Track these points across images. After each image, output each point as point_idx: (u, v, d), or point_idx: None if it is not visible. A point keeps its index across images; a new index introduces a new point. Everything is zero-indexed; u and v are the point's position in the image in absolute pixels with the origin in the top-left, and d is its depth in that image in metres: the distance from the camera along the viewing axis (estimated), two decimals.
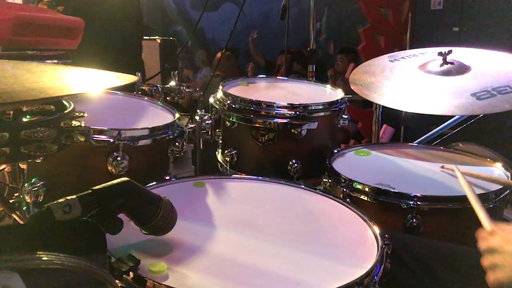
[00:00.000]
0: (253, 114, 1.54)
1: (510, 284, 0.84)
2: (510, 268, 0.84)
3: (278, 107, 1.52)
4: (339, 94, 1.75)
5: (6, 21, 1.61)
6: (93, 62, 1.09)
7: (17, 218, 1.54)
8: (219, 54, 5.15)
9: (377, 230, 1.02)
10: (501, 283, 0.85)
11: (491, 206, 1.24)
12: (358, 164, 1.54)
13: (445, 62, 1.53)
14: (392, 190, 1.27)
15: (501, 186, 1.29)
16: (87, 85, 0.79)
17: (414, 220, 1.22)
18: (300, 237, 1.03)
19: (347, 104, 1.68)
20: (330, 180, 1.44)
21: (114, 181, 0.82)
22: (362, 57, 4.32)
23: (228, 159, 1.59)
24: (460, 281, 1.06)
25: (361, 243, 1.01)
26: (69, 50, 2.01)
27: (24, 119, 0.77)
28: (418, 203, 1.22)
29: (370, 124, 2.75)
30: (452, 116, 2.20)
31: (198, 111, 1.73)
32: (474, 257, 1.12)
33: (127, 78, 0.81)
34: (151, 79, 3.01)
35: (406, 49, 2.93)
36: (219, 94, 1.67)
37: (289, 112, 1.51)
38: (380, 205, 1.27)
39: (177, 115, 1.51)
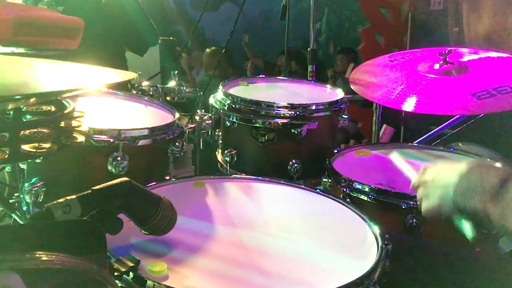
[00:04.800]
0: (253, 114, 1.54)
1: (435, 210, 0.92)
2: (434, 197, 0.92)
3: (278, 107, 1.52)
4: (339, 94, 1.75)
5: (6, 21, 1.60)
6: (93, 62, 1.09)
7: (17, 218, 1.54)
8: (207, 51, 5.17)
9: (377, 230, 1.02)
10: (428, 210, 0.94)
11: None
12: (358, 164, 1.53)
13: (445, 62, 1.53)
14: (392, 190, 1.27)
15: None
16: (87, 81, 0.79)
17: (414, 220, 1.22)
18: (300, 237, 1.03)
19: (347, 104, 1.68)
20: (330, 180, 1.44)
21: (114, 181, 0.82)
22: (362, 57, 4.32)
23: (228, 159, 1.59)
24: (460, 281, 1.06)
25: (361, 243, 1.01)
26: (69, 50, 2.01)
27: (24, 119, 0.77)
28: (418, 203, 1.22)
29: (370, 124, 2.75)
30: (452, 116, 2.20)
31: (198, 111, 1.73)
32: (474, 257, 1.13)
33: (127, 75, 0.81)
34: (151, 79, 3.00)
35: (406, 49, 2.93)
36: (219, 94, 1.67)
37: (289, 112, 1.51)
38: (380, 205, 1.27)
39: (177, 115, 1.51)
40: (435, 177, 0.94)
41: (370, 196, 1.28)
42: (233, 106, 1.58)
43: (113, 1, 2.85)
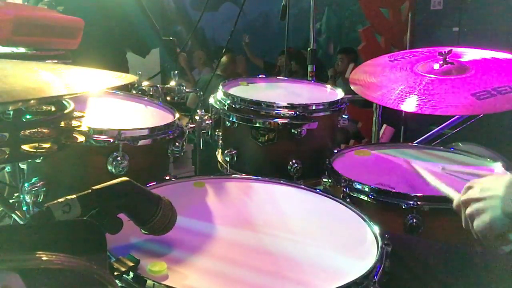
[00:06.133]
0: (253, 114, 1.54)
1: (493, 224, 0.87)
2: (491, 210, 0.87)
3: (278, 107, 1.52)
4: (339, 94, 1.75)
5: (6, 21, 1.60)
6: (93, 62, 1.09)
7: (17, 218, 1.54)
8: (225, 58, 5.01)
9: (377, 230, 1.02)
10: (486, 226, 0.89)
11: None
12: (358, 164, 1.53)
13: (445, 62, 1.53)
14: (392, 190, 1.27)
15: None
16: (87, 84, 0.79)
17: (414, 220, 1.22)
18: (300, 237, 1.03)
19: (347, 104, 1.68)
20: (330, 180, 1.44)
21: (114, 181, 0.82)
22: (362, 57, 4.32)
23: (228, 159, 1.59)
24: (460, 281, 1.06)
25: (361, 243, 1.01)
26: (69, 50, 2.01)
27: (24, 119, 0.77)
28: (418, 203, 1.22)
29: (370, 124, 2.75)
30: (452, 116, 2.20)
31: (198, 111, 1.73)
32: (474, 257, 1.13)
33: (127, 78, 0.81)
34: (151, 79, 3.01)
35: (406, 49, 2.93)
36: (219, 94, 1.67)
37: (289, 112, 1.51)
38: (380, 205, 1.27)
39: (177, 115, 1.51)
40: (481, 193, 0.91)
41: (370, 196, 1.28)
42: (233, 106, 1.58)
43: (113, 2, 2.85)
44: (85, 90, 0.77)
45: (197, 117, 1.70)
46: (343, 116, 1.66)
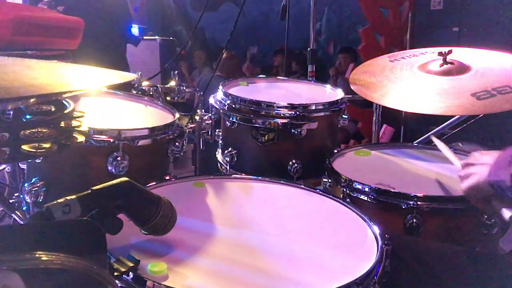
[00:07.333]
0: (253, 114, 1.54)
1: (477, 188, 0.99)
2: (479, 175, 0.99)
3: (278, 107, 1.52)
4: (339, 94, 1.75)
5: (6, 21, 1.61)
6: (93, 62, 1.09)
7: (17, 218, 1.53)
8: (224, 55, 4.99)
9: (377, 230, 1.02)
10: (471, 188, 1.01)
11: None
12: (358, 164, 1.53)
13: (445, 62, 1.53)
14: (392, 190, 1.27)
15: None
16: (87, 82, 0.79)
17: (414, 220, 1.22)
18: (299, 237, 1.03)
19: (347, 104, 1.68)
20: (330, 180, 1.44)
21: (114, 181, 0.82)
22: (362, 57, 4.32)
23: (228, 159, 1.59)
24: (460, 281, 1.06)
25: (361, 243, 1.01)
26: (69, 50, 2.01)
27: (24, 119, 0.77)
28: (418, 203, 1.22)
29: (370, 124, 2.75)
30: (452, 116, 2.20)
31: (198, 111, 1.73)
32: (474, 257, 1.13)
33: (126, 76, 0.81)
34: (151, 79, 3.01)
35: (406, 49, 2.93)
36: (219, 94, 1.67)
37: (289, 112, 1.51)
38: (380, 205, 1.27)
39: (177, 115, 1.51)
40: (476, 160, 1.03)
41: (370, 196, 1.28)
42: (233, 106, 1.58)
43: (113, 1, 2.86)
44: (85, 87, 0.77)
45: (197, 117, 1.70)
46: (343, 116, 1.66)
